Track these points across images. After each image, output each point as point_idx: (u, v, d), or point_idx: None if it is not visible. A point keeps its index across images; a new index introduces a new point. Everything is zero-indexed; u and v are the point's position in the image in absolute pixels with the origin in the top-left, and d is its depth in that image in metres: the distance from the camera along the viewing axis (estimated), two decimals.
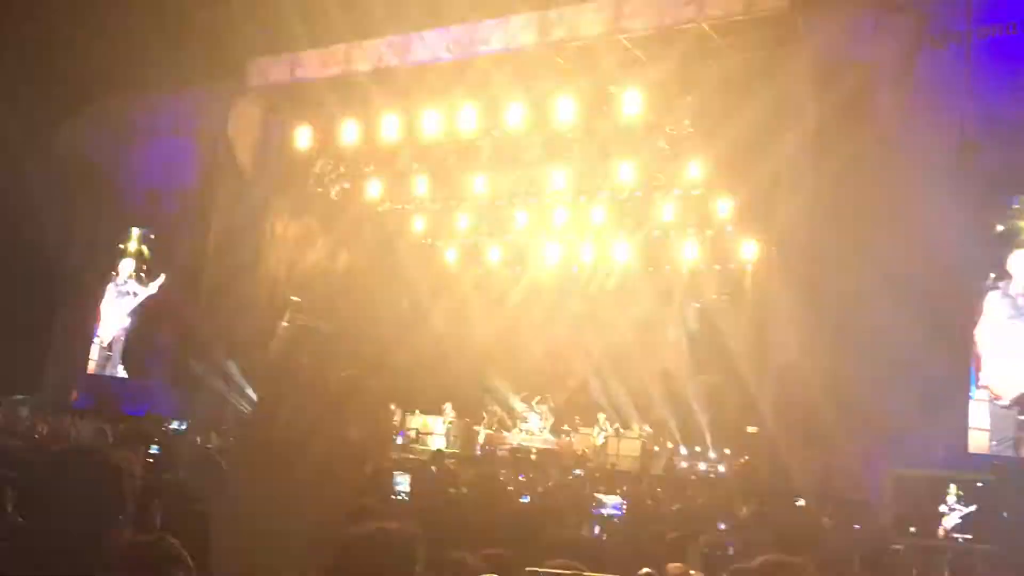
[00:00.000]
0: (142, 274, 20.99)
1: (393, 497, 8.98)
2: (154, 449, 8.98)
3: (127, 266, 21.32)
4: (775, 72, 14.09)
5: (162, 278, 20.55)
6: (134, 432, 10.58)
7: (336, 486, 2.24)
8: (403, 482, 9.53)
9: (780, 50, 14.15)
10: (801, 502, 11.38)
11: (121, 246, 21.51)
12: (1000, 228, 12.35)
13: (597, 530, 8.90)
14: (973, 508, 8.11)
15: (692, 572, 4.66)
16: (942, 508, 8.24)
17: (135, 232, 21.42)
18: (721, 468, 16.49)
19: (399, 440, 18.21)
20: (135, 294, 20.97)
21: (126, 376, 20.51)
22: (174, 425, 14.35)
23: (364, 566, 2.51)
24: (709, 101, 15.14)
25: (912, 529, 8.37)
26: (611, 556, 5.65)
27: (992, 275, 12.21)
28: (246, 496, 2.29)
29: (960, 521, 8.15)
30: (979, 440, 11.78)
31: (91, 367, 21.10)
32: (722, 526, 8.51)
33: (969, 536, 8.16)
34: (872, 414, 12.03)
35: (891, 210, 12.54)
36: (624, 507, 9.69)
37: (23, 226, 19.66)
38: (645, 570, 4.31)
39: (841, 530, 8.85)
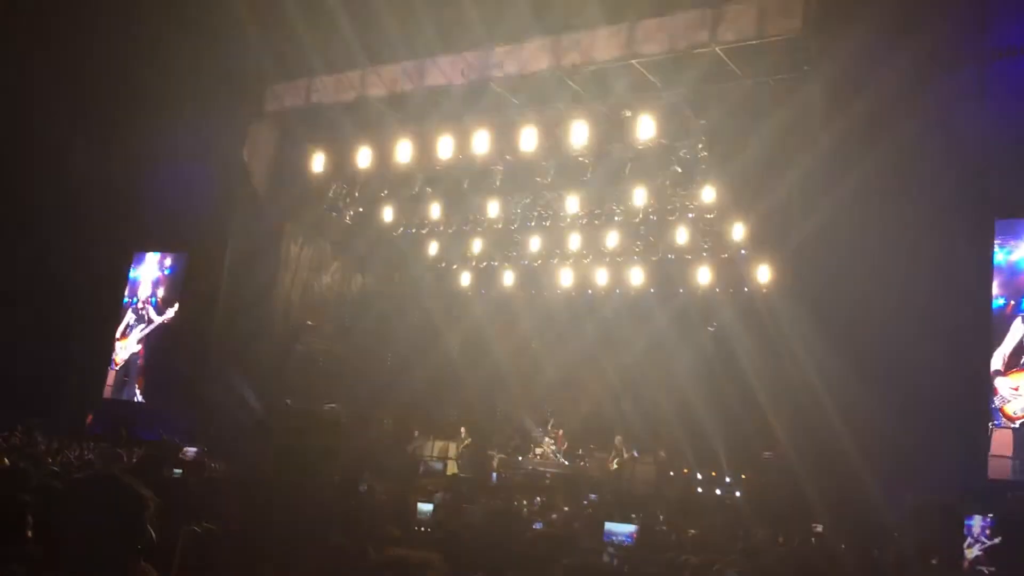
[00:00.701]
0: (158, 299, 21.09)
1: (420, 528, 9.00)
2: (175, 473, 8.98)
3: (143, 290, 21.43)
4: (789, 95, 14.09)
5: (177, 307, 20.63)
6: (150, 457, 10.57)
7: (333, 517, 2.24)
8: (426, 511, 9.55)
9: (793, 73, 14.15)
10: (819, 528, 11.29)
11: (137, 270, 21.65)
12: (1018, 251, 12.29)
13: (613, 557, 8.83)
14: (997, 540, 7.99)
15: None
16: (967, 540, 8.12)
17: (151, 256, 21.57)
18: (738, 493, 16.38)
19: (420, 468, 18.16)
20: (150, 320, 21.06)
21: (142, 400, 20.57)
22: (190, 449, 14.32)
23: None
24: (723, 125, 15.13)
25: (934, 561, 8.26)
26: None
27: (1012, 301, 12.14)
28: (255, 524, 2.29)
29: (981, 554, 8.02)
30: (1000, 466, 11.65)
31: (107, 391, 21.17)
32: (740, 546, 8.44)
33: (993, 568, 8.04)
34: (890, 440, 11.92)
35: (906, 233, 12.48)
36: (635, 535, 9.62)
37: (40, 250, 19.82)
38: None
39: (859, 558, 8.75)
